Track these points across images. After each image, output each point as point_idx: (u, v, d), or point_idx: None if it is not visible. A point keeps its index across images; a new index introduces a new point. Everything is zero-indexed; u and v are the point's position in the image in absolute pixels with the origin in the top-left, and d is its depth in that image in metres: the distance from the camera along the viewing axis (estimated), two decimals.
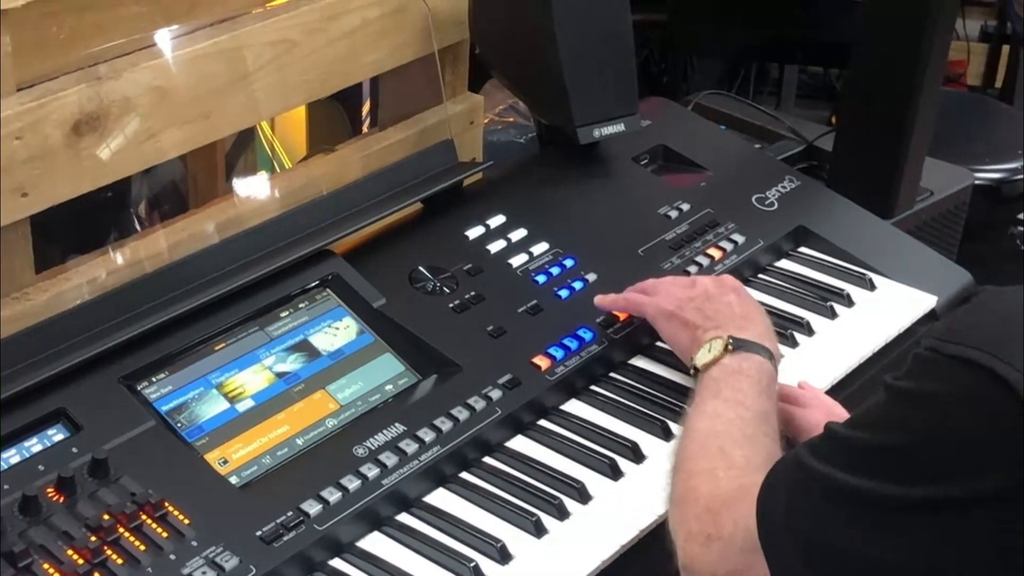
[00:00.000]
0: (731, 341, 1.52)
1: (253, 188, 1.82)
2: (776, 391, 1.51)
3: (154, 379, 1.52)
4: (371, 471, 1.47)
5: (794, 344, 1.79)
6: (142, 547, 1.34)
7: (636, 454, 1.58)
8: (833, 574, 1.09)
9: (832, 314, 1.86)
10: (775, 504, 1.16)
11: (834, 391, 1.72)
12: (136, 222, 2.11)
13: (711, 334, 1.56)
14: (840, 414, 1.56)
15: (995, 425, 1.00)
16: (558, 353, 1.67)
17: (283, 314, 1.65)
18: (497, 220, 1.86)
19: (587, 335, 1.71)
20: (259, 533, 1.38)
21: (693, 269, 1.86)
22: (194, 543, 1.36)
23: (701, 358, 1.53)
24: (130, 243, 1.67)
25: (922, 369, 1.06)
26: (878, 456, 1.06)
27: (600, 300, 1.75)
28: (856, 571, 1.07)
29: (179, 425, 1.50)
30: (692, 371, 1.55)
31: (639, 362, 1.74)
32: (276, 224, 1.73)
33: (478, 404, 1.58)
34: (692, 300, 1.64)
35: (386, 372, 1.63)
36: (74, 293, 1.58)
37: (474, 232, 1.84)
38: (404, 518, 1.48)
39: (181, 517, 1.38)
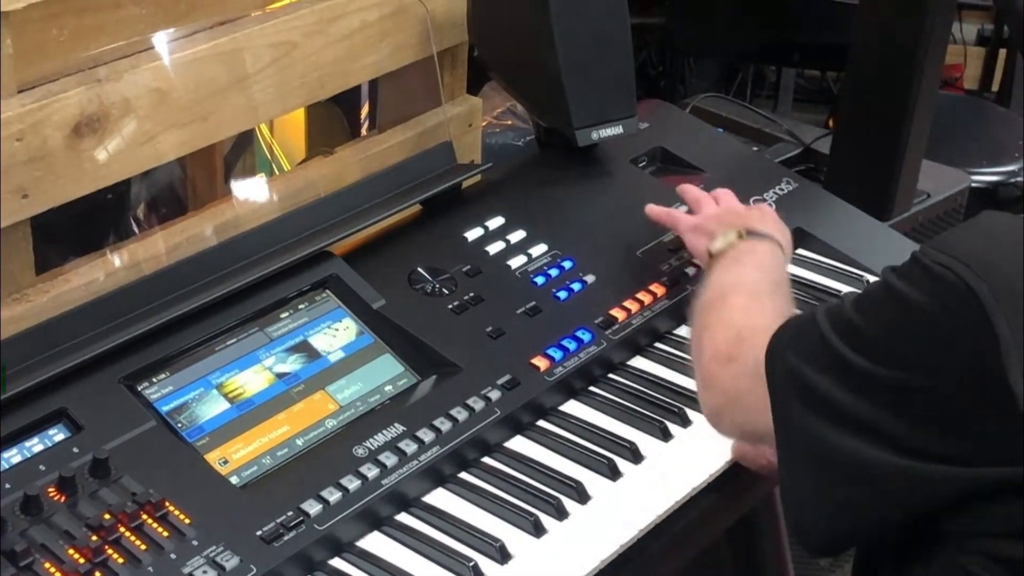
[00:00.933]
0: (745, 230, 1.61)
1: (252, 190, 1.83)
2: (788, 274, 1.61)
3: (155, 379, 1.53)
4: (371, 471, 1.48)
5: None
6: (143, 546, 1.34)
7: (635, 454, 1.58)
8: (815, 408, 1.19)
9: None
10: (783, 341, 1.27)
11: None
12: (135, 224, 2.11)
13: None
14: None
15: (950, 332, 1.08)
16: (557, 354, 1.68)
17: (283, 315, 1.65)
18: (496, 222, 1.87)
19: (586, 336, 1.72)
20: (259, 533, 1.39)
21: (691, 271, 1.86)
22: (195, 542, 1.36)
23: (716, 245, 1.62)
24: (129, 245, 1.67)
25: (909, 270, 1.15)
26: (857, 334, 1.17)
27: (651, 208, 1.86)
28: (835, 414, 1.17)
29: (179, 425, 1.50)
30: (707, 257, 1.64)
31: (638, 363, 1.75)
32: (275, 226, 1.73)
33: (477, 405, 1.59)
34: (719, 215, 1.74)
35: (385, 373, 1.63)
36: (74, 294, 1.58)
37: (473, 234, 1.84)
38: (404, 518, 1.48)
39: (182, 517, 1.38)
